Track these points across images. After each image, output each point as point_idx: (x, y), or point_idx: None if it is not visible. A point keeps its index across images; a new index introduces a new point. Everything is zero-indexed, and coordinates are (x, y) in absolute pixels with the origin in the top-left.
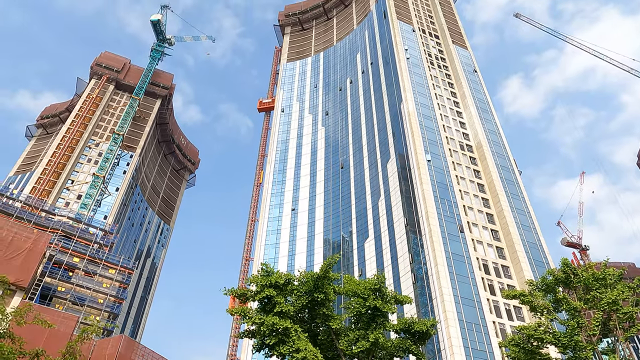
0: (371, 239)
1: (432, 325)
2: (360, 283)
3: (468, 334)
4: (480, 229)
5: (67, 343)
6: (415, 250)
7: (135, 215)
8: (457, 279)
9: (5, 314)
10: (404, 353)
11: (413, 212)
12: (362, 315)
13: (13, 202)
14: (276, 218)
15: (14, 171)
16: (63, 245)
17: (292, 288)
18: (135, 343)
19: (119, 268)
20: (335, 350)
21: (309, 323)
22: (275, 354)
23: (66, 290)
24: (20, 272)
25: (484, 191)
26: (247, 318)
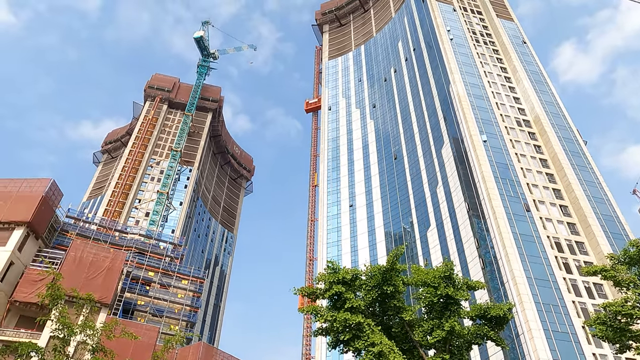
0: (433, 227)
1: (509, 309)
2: (429, 272)
3: (547, 315)
4: (548, 205)
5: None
6: (480, 235)
7: (200, 227)
8: (529, 260)
9: (96, 329)
10: (482, 339)
11: (474, 195)
12: (434, 305)
13: (89, 225)
14: (335, 216)
15: (87, 196)
16: (138, 261)
17: (360, 283)
18: (213, 349)
19: (190, 278)
20: (410, 342)
21: (381, 316)
22: (351, 349)
23: (145, 303)
24: (103, 290)
25: (548, 166)
26: (319, 316)
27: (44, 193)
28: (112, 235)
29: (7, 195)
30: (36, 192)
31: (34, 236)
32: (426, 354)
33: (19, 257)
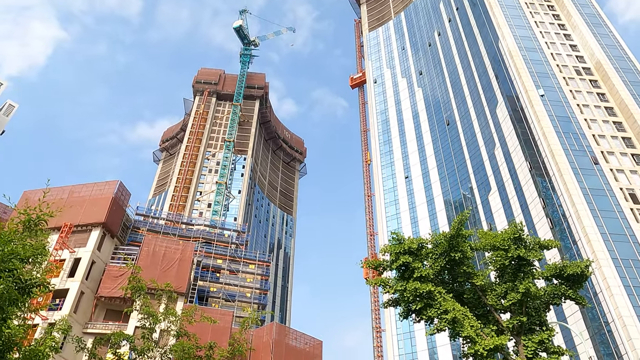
0: (494, 190)
1: (586, 265)
2: (497, 235)
3: (626, 271)
4: (618, 156)
5: (231, 334)
6: (546, 194)
7: (260, 212)
8: (601, 215)
9: (178, 316)
10: (559, 299)
11: (535, 154)
12: (506, 268)
13: (157, 220)
14: (391, 189)
15: (152, 194)
16: (206, 251)
17: (426, 252)
18: (285, 328)
19: (257, 262)
20: (484, 307)
21: (451, 284)
22: (424, 318)
23: (217, 289)
24: (177, 280)
25: (615, 114)
26: (388, 287)
27: (113, 194)
28: (179, 228)
29: (81, 200)
30: (106, 194)
31: (110, 235)
32: (501, 318)
33: (99, 255)
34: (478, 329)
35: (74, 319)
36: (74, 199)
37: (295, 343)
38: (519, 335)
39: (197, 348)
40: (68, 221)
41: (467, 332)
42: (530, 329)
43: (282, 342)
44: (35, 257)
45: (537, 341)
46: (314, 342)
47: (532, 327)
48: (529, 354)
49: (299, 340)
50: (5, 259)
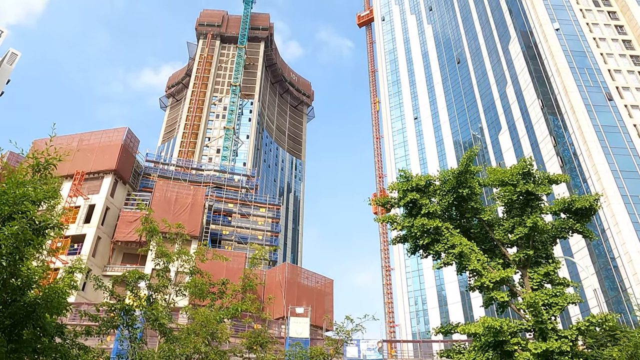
0: (505, 130)
1: (595, 199)
2: (506, 171)
3: (635, 208)
4: (634, 91)
5: (243, 270)
6: (557, 132)
7: (269, 157)
8: (613, 152)
9: (190, 255)
10: (567, 233)
11: (548, 91)
12: (514, 203)
13: (168, 166)
14: (400, 130)
15: (161, 141)
16: (217, 195)
17: (434, 189)
18: (297, 268)
19: (267, 206)
20: (490, 242)
21: (459, 220)
22: (431, 253)
23: (229, 232)
24: (190, 223)
25: (632, 47)
26: (396, 224)
27: (122, 141)
28: (190, 173)
29: (91, 148)
30: (115, 141)
31: (122, 182)
32: (508, 252)
33: (112, 202)
34: (484, 262)
35: (93, 262)
36: (84, 147)
37: (307, 282)
38: (524, 268)
39: (211, 285)
40: (80, 168)
41: (473, 265)
42: (536, 262)
43: (294, 280)
44: (48, 200)
45: (542, 273)
46: (325, 280)
47: (538, 260)
48: (535, 285)
49: (311, 279)
50: (17, 201)
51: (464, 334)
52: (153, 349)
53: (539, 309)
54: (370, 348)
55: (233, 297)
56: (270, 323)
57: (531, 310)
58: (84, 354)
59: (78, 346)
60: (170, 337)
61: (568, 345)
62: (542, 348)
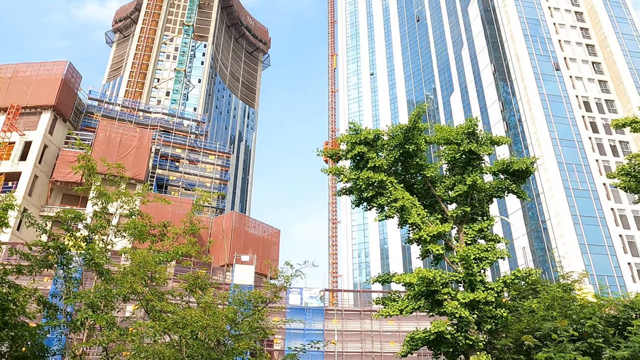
0: (457, 92)
1: (531, 162)
2: (452, 129)
3: (569, 175)
4: (580, 63)
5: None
6: (505, 98)
7: (221, 103)
8: (555, 121)
9: (130, 195)
10: (503, 193)
11: (501, 56)
12: (456, 161)
13: (113, 106)
14: (356, 85)
15: (106, 78)
16: (164, 139)
17: (382, 143)
18: (245, 217)
19: (217, 153)
20: (432, 197)
21: (403, 175)
22: (374, 205)
23: (176, 178)
24: (135, 167)
25: (583, 20)
26: (342, 176)
27: (62, 75)
28: (136, 115)
29: (27, 80)
30: (55, 74)
31: (62, 119)
32: (447, 208)
33: (51, 140)
34: (424, 217)
35: (29, 202)
36: (19, 79)
37: (254, 231)
38: (461, 223)
39: (151, 227)
40: (15, 102)
41: (413, 219)
42: (472, 218)
43: (241, 229)
44: None
45: (477, 229)
46: (272, 230)
47: (474, 217)
48: (469, 240)
49: (258, 228)
50: None
51: (399, 283)
52: (89, 289)
53: (470, 262)
54: (313, 296)
55: (174, 240)
56: (215, 269)
57: (463, 263)
58: (15, 292)
59: (8, 284)
60: (107, 277)
61: (493, 296)
62: (469, 298)
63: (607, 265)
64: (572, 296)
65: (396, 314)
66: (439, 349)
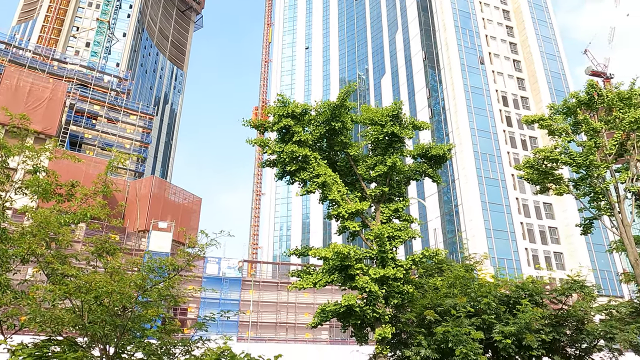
0: (388, 75)
1: (448, 149)
2: (377, 111)
3: (482, 164)
4: (502, 59)
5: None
6: (432, 86)
7: (147, 62)
8: (475, 112)
9: (35, 150)
10: (420, 176)
11: (432, 45)
12: (379, 142)
13: (23, 51)
14: (290, 58)
15: (16, 20)
16: (81, 94)
17: (309, 118)
18: (166, 183)
19: (139, 114)
20: (353, 176)
21: (328, 152)
22: (297, 180)
23: (93, 137)
24: (46, 121)
25: (509, 18)
26: (267, 148)
27: None
28: (50, 64)
29: None
30: None
31: None
32: (368, 187)
33: None
34: (344, 194)
35: None
36: None
37: (174, 197)
38: (379, 203)
39: (57, 186)
40: None
41: (333, 195)
42: (389, 198)
43: (160, 195)
44: None
45: (393, 209)
46: (193, 198)
47: (391, 197)
48: (384, 219)
49: (179, 195)
50: None
51: (315, 257)
52: None
53: (383, 240)
54: (231, 267)
55: (83, 201)
56: (130, 235)
57: (377, 240)
58: None
59: None
60: (3, 237)
61: (402, 273)
62: (380, 274)
63: (507, 249)
64: (472, 276)
65: (310, 286)
66: (348, 321)
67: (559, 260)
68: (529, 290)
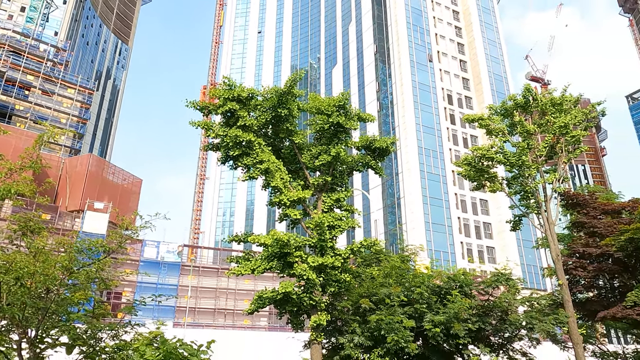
0: (339, 65)
1: (392, 142)
2: (324, 100)
3: (425, 159)
4: (450, 59)
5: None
6: (382, 80)
7: (89, 33)
8: (421, 109)
9: None
10: (363, 167)
11: (384, 39)
12: (325, 132)
13: None
14: (241, 41)
15: None
16: (13, 62)
17: (255, 103)
18: (104, 162)
19: (77, 88)
20: (297, 164)
21: (273, 138)
22: (240, 165)
23: (25, 109)
24: None
25: (459, 19)
26: (211, 131)
27: None
28: None
29: None
30: None
31: None
32: (311, 176)
33: None
34: (287, 181)
35: None
36: None
37: (113, 178)
38: (321, 192)
39: None
40: None
41: (276, 182)
42: (332, 188)
43: (98, 174)
44: None
45: (334, 198)
46: (133, 179)
47: (334, 187)
48: (326, 208)
49: (118, 175)
50: None
51: (254, 243)
52: None
53: (323, 229)
54: (170, 251)
55: (7, 176)
56: (64, 215)
57: (317, 229)
58: None
59: None
60: None
61: (340, 262)
62: (318, 262)
63: (444, 242)
64: (408, 266)
65: (248, 273)
66: (284, 308)
67: (491, 254)
68: (460, 282)
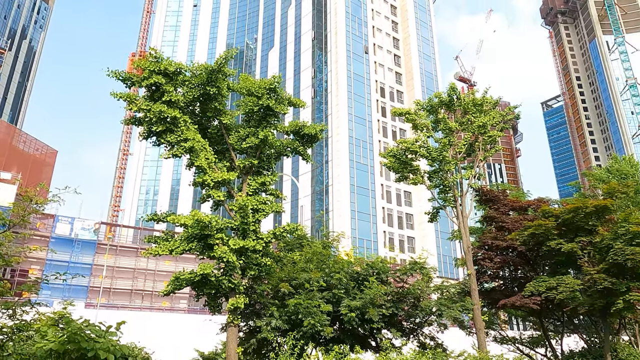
0: (276, 48)
1: (321, 130)
2: (255, 82)
3: (355, 149)
4: (385, 52)
5: None
6: (318, 67)
7: None
8: (355, 99)
9: None
10: (292, 153)
11: (322, 26)
12: (254, 114)
13: None
14: (175, 13)
15: None
16: None
17: (183, 79)
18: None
19: None
20: (224, 145)
21: (200, 116)
22: (163, 142)
23: None
24: None
25: (396, 14)
26: (133, 104)
27: None
28: None
29: None
30: None
31: None
32: (238, 158)
33: None
34: (212, 162)
35: None
36: None
37: (24, 147)
38: (247, 174)
39: None
40: None
41: (200, 162)
42: (258, 171)
43: (6, 142)
44: None
45: (260, 182)
46: (47, 150)
47: (260, 170)
48: (250, 191)
49: (30, 144)
50: None
51: (173, 223)
52: None
53: (247, 212)
54: (85, 228)
55: None
56: None
57: (240, 211)
58: None
59: None
60: None
61: (262, 245)
62: (239, 245)
63: (368, 231)
64: (329, 253)
65: (165, 253)
66: (202, 290)
67: (411, 244)
68: (377, 269)
